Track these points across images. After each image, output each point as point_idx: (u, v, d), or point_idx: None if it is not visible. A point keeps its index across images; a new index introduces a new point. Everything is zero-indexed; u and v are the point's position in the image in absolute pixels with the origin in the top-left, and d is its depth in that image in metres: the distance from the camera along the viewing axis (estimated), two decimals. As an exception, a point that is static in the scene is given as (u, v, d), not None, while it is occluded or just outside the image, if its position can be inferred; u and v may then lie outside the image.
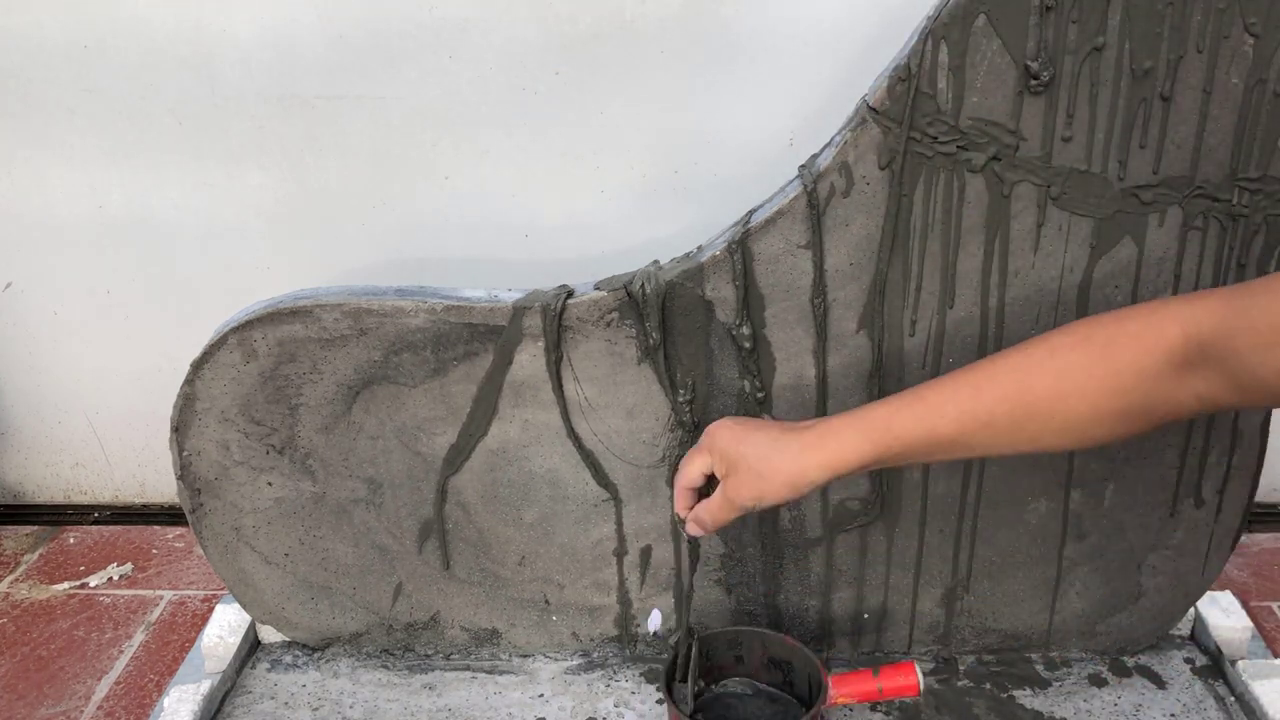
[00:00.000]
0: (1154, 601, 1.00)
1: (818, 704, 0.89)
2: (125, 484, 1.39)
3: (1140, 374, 0.66)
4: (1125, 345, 0.67)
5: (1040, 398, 0.69)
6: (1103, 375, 0.68)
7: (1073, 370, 0.68)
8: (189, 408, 0.92)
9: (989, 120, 0.80)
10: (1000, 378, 0.71)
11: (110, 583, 1.24)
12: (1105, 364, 0.68)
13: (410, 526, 0.98)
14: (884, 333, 0.88)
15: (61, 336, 1.29)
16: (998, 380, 0.71)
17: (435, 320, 0.89)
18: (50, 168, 1.18)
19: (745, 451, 0.77)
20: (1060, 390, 0.69)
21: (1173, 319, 0.66)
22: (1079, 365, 0.68)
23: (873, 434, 0.73)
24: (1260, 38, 0.76)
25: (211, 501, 0.96)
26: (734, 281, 0.87)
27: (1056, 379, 0.69)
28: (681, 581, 1.00)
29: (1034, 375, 0.70)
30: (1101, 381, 0.68)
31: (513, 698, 0.99)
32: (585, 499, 0.97)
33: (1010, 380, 0.71)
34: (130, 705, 1.05)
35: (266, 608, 1.02)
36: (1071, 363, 0.69)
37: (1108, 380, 0.67)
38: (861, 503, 0.96)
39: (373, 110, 1.12)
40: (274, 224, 1.19)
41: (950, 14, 0.77)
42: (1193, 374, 0.65)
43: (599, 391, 0.92)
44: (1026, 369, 0.71)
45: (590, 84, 1.09)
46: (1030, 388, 0.70)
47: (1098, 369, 0.68)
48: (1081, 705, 0.97)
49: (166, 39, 1.09)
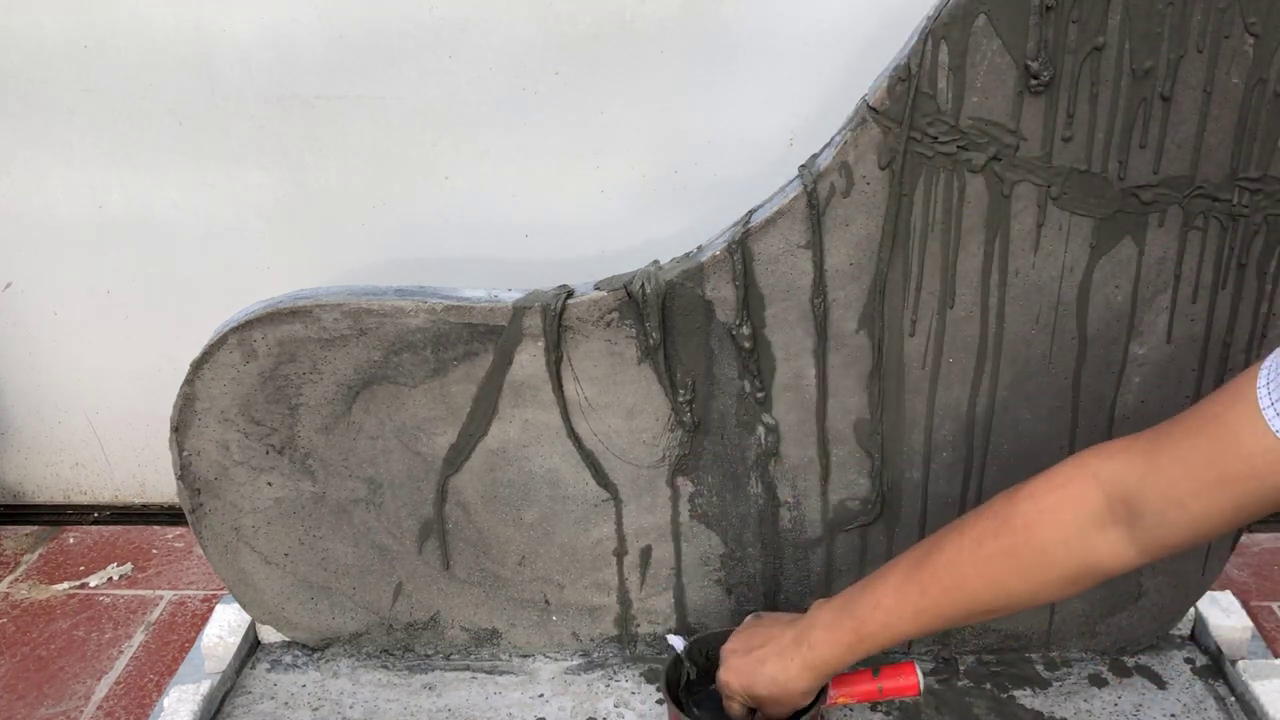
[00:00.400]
0: (1154, 601, 1.00)
1: (818, 704, 0.89)
2: (125, 484, 1.39)
3: (1067, 543, 0.69)
4: (1044, 523, 0.70)
5: (979, 588, 0.73)
6: (1029, 558, 0.70)
7: (999, 558, 0.71)
8: (189, 408, 0.92)
9: (989, 120, 0.80)
10: (940, 574, 0.75)
11: (110, 583, 1.24)
12: (1029, 547, 0.70)
13: (410, 526, 0.98)
14: (884, 333, 0.88)
15: (61, 336, 1.29)
16: (938, 577, 0.75)
17: (435, 320, 0.89)
18: (50, 168, 1.18)
19: (759, 691, 0.84)
20: (994, 579, 0.72)
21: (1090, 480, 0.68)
22: (1004, 552, 0.71)
23: (850, 647, 0.79)
24: (1260, 37, 0.76)
25: (211, 501, 0.96)
26: (734, 281, 0.87)
27: (987, 568, 0.72)
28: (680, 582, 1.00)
29: (966, 569, 0.73)
30: (1030, 563, 0.70)
31: (513, 698, 0.99)
32: (585, 499, 0.97)
33: (948, 576, 0.74)
34: (130, 705, 1.05)
35: (266, 608, 1.02)
36: (997, 550, 0.72)
37: (1035, 561, 0.70)
38: (861, 503, 0.96)
39: (373, 110, 1.12)
40: (274, 224, 1.19)
41: (950, 14, 0.77)
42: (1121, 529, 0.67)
43: (599, 391, 0.92)
44: (959, 564, 0.74)
45: (590, 84, 1.09)
46: (967, 580, 0.73)
47: (1023, 553, 0.70)
48: (1081, 705, 0.97)
49: (166, 39, 1.09)
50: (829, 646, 0.80)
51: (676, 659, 0.94)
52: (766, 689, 0.84)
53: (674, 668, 0.93)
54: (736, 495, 0.96)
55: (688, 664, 0.94)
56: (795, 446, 0.93)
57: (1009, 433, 0.92)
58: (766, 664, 0.84)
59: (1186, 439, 0.64)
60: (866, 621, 0.78)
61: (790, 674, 0.82)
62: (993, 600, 0.73)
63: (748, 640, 0.87)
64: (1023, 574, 0.71)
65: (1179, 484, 0.64)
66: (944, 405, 0.91)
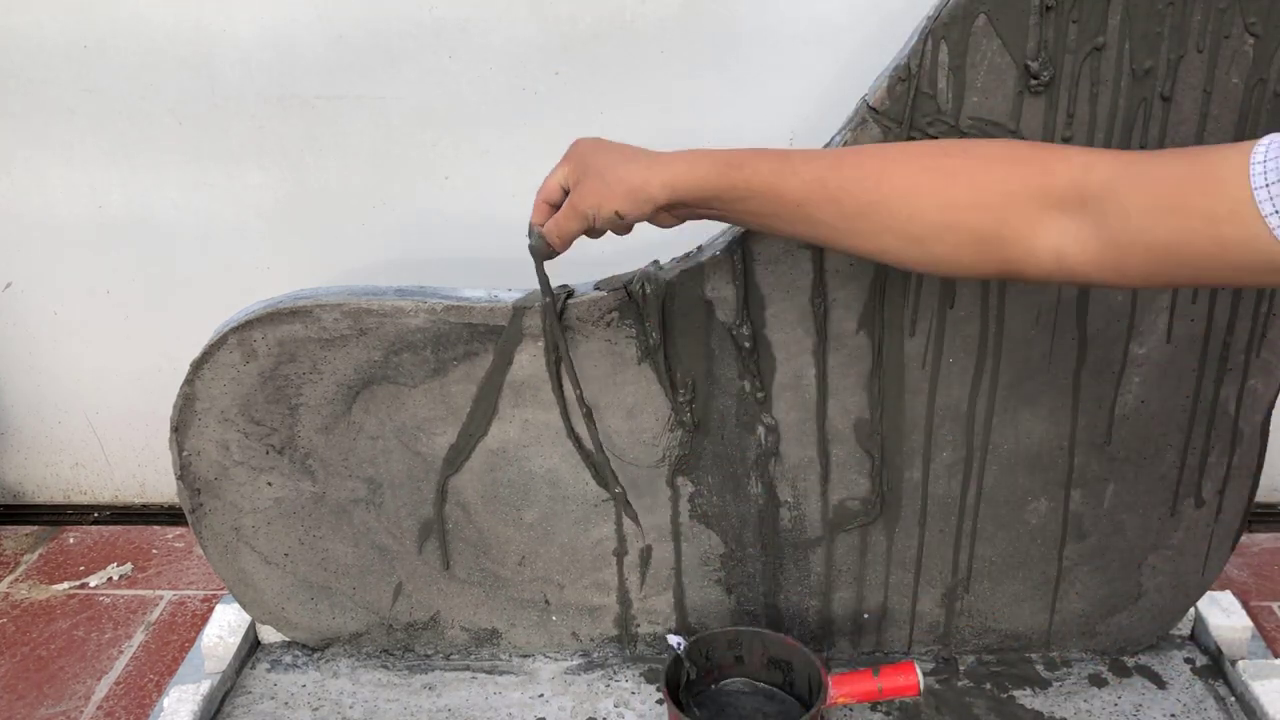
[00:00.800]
0: (1154, 601, 1.00)
1: (818, 704, 0.89)
2: (125, 484, 1.39)
3: (1006, 196, 0.63)
4: (1003, 166, 0.64)
5: (895, 188, 0.66)
6: (966, 184, 0.64)
7: (938, 171, 0.65)
8: (189, 408, 0.92)
9: (989, 120, 0.80)
10: (867, 158, 0.68)
11: (110, 583, 1.24)
12: (969, 178, 0.64)
13: (410, 526, 0.98)
14: (884, 332, 0.88)
15: (61, 336, 1.29)
16: (863, 159, 0.68)
17: (435, 320, 0.89)
18: (50, 168, 1.18)
19: (597, 160, 0.74)
20: (916, 186, 0.65)
21: (1062, 159, 0.63)
22: (945, 170, 0.65)
23: (725, 167, 0.70)
24: (1260, 38, 0.76)
25: (211, 501, 0.96)
26: (734, 281, 0.87)
27: (919, 173, 0.66)
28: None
29: (899, 164, 0.67)
30: (962, 190, 0.64)
31: (513, 698, 0.99)
32: (585, 499, 0.97)
33: (874, 163, 0.67)
34: (130, 705, 1.05)
35: (266, 608, 1.02)
36: (940, 166, 0.65)
37: (968, 192, 0.64)
38: (861, 503, 0.96)
39: (373, 110, 1.12)
40: (274, 224, 1.19)
41: (950, 14, 0.77)
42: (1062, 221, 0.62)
43: (599, 391, 0.92)
44: (897, 157, 0.67)
45: (590, 84, 1.09)
46: (890, 175, 0.66)
47: (963, 177, 0.64)
48: (1081, 705, 0.96)
49: (166, 39, 1.09)
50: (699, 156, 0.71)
51: (676, 659, 0.94)
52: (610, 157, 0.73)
53: (674, 668, 0.93)
54: (736, 495, 0.96)
55: (688, 664, 0.94)
56: (795, 446, 0.93)
57: (1009, 433, 0.92)
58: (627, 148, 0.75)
59: (1170, 157, 0.60)
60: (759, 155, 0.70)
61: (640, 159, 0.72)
62: (895, 209, 0.65)
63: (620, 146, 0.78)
64: (945, 200, 0.64)
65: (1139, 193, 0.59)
66: (944, 405, 0.91)
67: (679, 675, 0.94)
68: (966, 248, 0.65)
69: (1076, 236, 0.62)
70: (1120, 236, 0.60)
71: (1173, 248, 0.58)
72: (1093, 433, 0.92)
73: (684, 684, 0.95)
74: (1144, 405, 0.91)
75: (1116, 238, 0.60)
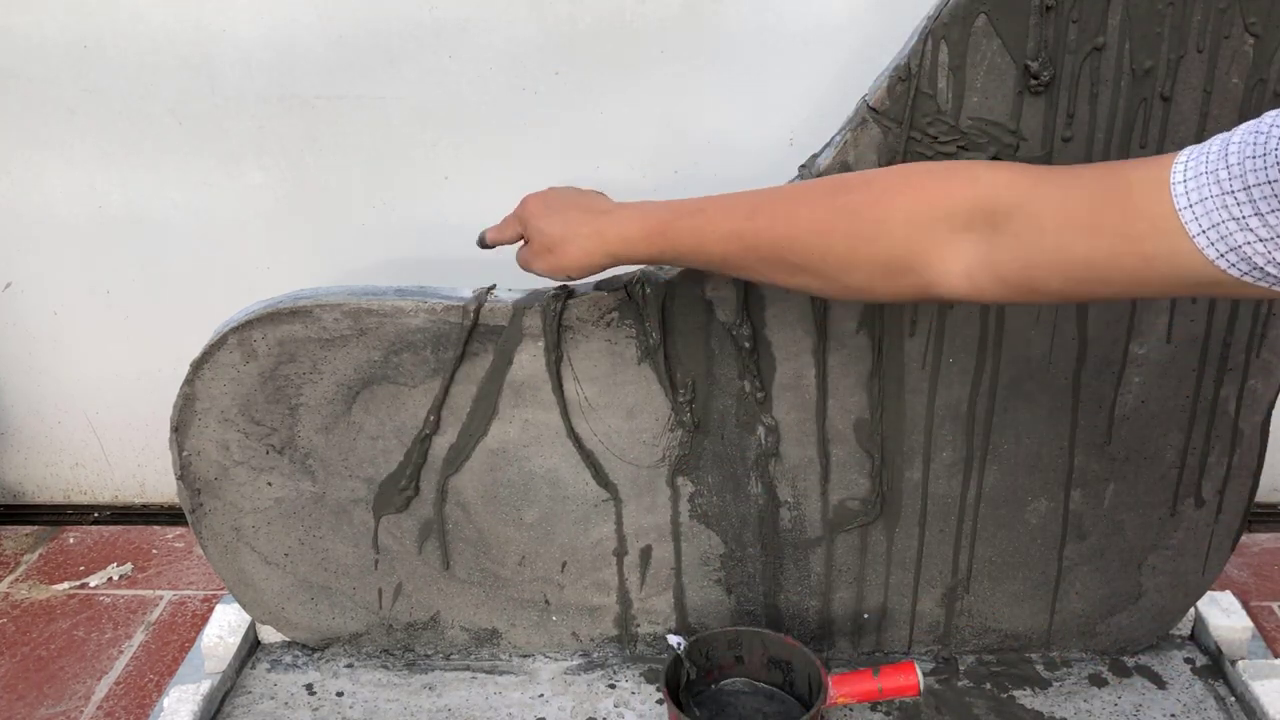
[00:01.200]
0: (1154, 601, 1.00)
1: (818, 704, 0.89)
2: (125, 484, 1.39)
3: (909, 225, 0.64)
4: (904, 195, 0.65)
5: (804, 231, 0.68)
6: (870, 218, 0.65)
7: (841, 212, 0.67)
8: (189, 408, 0.92)
9: (989, 120, 0.80)
10: (779, 204, 0.70)
11: (110, 583, 1.24)
12: (873, 212, 0.65)
13: (410, 526, 0.98)
14: (884, 332, 0.88)
15: (61, 336, 1.29)
16: (775, 205, 0.70)
17: (435, 320, 0.89)
18: (50, 167, 1.18)
19: (543, 228, 0.79)
20: (824, 228, 0.67)
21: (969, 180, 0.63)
22: (849, 208, 0.66)
23: (652, 236, 0.74)
24: (1260, 38, 0.76)
25: (211, 501, 0.96)
26: (734, 281, 0.86)
27: (825, 214, 0.67)
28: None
29: (804, 208, 0.68)
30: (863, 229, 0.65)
31: (513, 698, 0.99)
32: (585, 499, 0.97)
33: (784, 207, 0.69)
34: (130, 705, 1.05)
35: (266, 608, 1.02)
36: (844, 204, 0.67)
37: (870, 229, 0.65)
38: (861, 503, 0.96)
39: (373, 110, 1.12)
40: (274, 224, 1.19)
41: (950, 14, 0.77)
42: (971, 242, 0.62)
43: (599, 391, 0.92)
44: (802, 201, 0.69)
45: (590, 84, 1.09)
46: (798, 218, 0.68)
47: (864, 215, 0.65)
48: (1081, 705, 0.97)
49: (166, 39, 1.09)
50: (631, 224, 0.75)
51: (676, 659, 0.94)
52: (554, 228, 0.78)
53: (674, 668, 0.93)
54: (736, 495, 0.96)
55: (688, 664, 0.94)
56: (795, 446, 0.93)
57: (1009, 433, 0.92)
58: (569, 212, 0.79)
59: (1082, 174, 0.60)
60: (681, 217, 0.73)
61: (582, 231, 0.77)
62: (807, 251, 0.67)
63: (579, 193, 0.83)
64: (852, 236, 0.66)
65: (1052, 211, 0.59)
66: (944, 405, 0.91)
67: (679, 675, 0.94)
68: (879, 278, 0.66)
69: (988, 257, 0.62)
70: (1035, 255, 0.60)
71: (1093, 265, 0.58)
72: (1093, 432, 0.92)
73: (684, 684, 0.95)
74: (1144, 405, 0.91)
75: (1031, 256, 0.60)
